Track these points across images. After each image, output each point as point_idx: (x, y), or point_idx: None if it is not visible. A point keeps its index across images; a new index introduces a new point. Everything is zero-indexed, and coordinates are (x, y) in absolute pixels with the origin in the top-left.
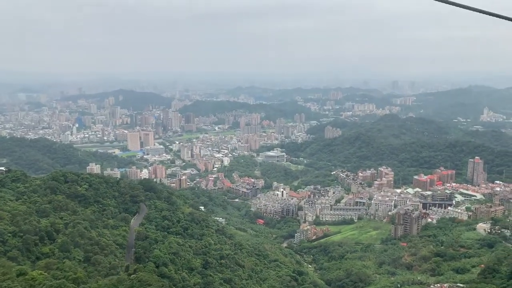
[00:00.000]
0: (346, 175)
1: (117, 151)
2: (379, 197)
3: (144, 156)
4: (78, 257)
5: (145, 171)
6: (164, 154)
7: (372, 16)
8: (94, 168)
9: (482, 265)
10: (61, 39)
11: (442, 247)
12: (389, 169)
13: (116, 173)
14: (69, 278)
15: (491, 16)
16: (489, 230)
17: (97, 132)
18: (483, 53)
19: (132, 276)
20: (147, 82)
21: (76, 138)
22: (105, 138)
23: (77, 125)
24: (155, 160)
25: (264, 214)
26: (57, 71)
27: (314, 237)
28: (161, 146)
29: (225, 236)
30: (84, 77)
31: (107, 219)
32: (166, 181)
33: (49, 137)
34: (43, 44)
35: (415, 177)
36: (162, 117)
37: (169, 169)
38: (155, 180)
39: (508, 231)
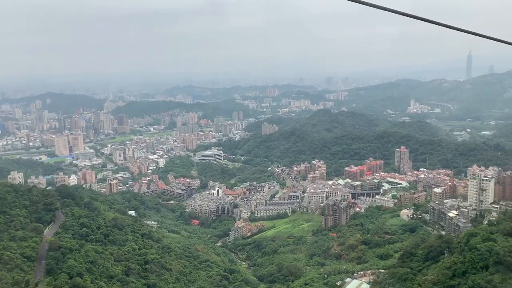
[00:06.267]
0: (282, 170)
1: (43, 157)
2: (312, 190)
3: (73, 161)
4: None
5: (73, 177)
6: (94, 158)
7: (305, 16)
8: (16, 176)
9: (403, 250)
10: None
11: (368, 235)
12: (322, 162)
13: (42, 180)
14: None
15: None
16: (411, 216)
17: (22, 138)
18: (409, 49)
19: None
20: (78, 84)
21: None
22: (30, 144)
23: None
24: (85, 165)
25: (199, 214)
26: None
27: (249, 234)
28: (92, 150)
29: (152, 240)
30: (7, 80)
31: (14, 230)
32: (96, 186)
33: None
34: None
35: (346, 168)
36: (93, 119)
37: (100, 174)
38: (84, 186)
39: (428, 215)
